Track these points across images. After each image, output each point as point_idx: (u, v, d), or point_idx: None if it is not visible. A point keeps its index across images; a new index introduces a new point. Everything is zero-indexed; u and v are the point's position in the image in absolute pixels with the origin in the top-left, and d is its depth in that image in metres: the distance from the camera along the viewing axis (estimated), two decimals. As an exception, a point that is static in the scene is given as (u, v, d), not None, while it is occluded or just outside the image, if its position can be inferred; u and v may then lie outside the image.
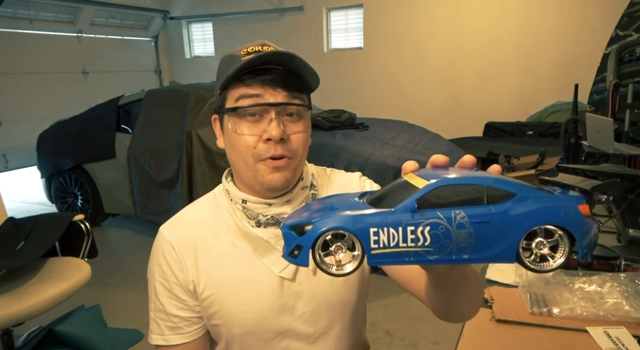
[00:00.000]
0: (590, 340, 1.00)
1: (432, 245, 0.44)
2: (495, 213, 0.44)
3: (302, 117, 0.79)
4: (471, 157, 0.50)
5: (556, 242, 0.45)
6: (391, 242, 0.44)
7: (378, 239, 0.44)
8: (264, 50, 0.76)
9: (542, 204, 0.44)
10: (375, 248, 0.45)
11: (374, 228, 0.44)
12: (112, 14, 7.53)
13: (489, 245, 0.44)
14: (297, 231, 0.47)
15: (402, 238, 0.44)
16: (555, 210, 0.44)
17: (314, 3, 7.24)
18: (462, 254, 0.44)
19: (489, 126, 6.20)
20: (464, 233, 0.44)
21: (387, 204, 0.46)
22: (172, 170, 3.53)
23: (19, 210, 4.96)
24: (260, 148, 0.76)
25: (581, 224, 0.44)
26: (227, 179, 0.88)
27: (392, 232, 0.44)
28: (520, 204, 0.44)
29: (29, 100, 6.30)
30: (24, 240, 2.23)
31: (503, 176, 0.47)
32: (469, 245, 0.44)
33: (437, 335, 2.43)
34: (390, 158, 3.37)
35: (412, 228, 0.44)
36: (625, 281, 1.15)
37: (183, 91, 3.74)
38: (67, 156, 4.17)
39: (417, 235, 0.44)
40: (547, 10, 5.90)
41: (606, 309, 1.07)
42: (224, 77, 0.76)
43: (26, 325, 2.13)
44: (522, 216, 0.44)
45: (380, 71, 7.00)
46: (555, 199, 0.45)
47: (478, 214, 0.44)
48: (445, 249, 0.44)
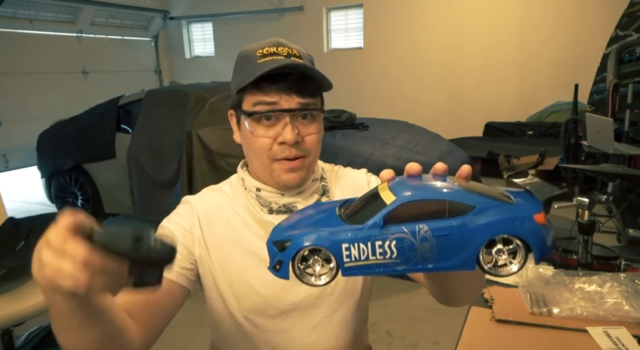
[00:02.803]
0: (590, 340, 1.00)
1: (399, 258, 0.48)
2: (456, 226, 0.48)
3: (315, 119, 0.84)
4: (443, 165, 0.54)
5: (515, 249, 0.49)
6: (362, 255, 0.49)
7: (350, 253, 0.49)
8: (279, 51, 0.80)
9: (500, 216, 0.48)
10: (348, 262, 0.49)
11: (346, 244, 0.49)
12: (112, 14, 7.54)
13: (451, 255, 0.48)
14: (279, 247, 0.52)
15: (372, 252, 0.49)
16: (512, 221, 0.48)
17: (314, 3, 7.24)
18: (426, 263, 0.49)
19: (489, 126, 6.20)
20: (427, 245, 0.48)
21: (359, 218, 0.51)
22: (172, 170, 3.53)
23: (19, 210, 4.96)
24: (275, 149, 0.81)
25: (536, 232, 0.48)
26: (242, 169, 0.92)
27: (362, 247, 0.49)
28: (479, 216, 0.48)
29: (29, 100, 6.30)
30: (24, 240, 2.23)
31: (467, 186, 0.51)
32: (433, 255, 0.48)
33: (437, 335, 2.43)
34: (390, 158, 3.37)
35: (380, 243, 0.48)
36: (625, 281, 1.15)
37: (183, 91, 3.74)
38: (67, 156, 4.17)
39: (384, 249, 0.48)
40: (547, 10, 5.90)
41: (606, 309, 1.07)
42: (240, 79, 0.81)
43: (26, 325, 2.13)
44: (481, 228, 0.48)
45: (380, 71, 7.00)
46: (512, 210, 0.49)
47: (440, 227, 0.48)
48: (411, 260, 0.48)
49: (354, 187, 0.95)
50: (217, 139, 3.38)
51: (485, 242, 0.48)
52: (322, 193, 0.90)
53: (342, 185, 0.95)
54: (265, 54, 0.80)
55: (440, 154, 3.63)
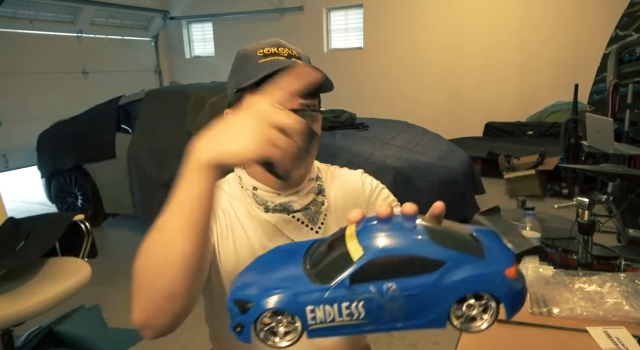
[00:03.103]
0: (590, 340, 1.00)
1: (367, 318, 0.46)
2: (426, 284, 0.45)
3: (315, 120, 0.85)
4: (412, 207, 0.51)
5: (486, 304, 0.47)
6: (327, 318, 0.46)
7: (315, 316, 0.46)
8: (279, 51, 0.81)
9: (471, 272, 0.46)
10: (313, 324, 0.47)
11: (310, 306, 0.46)
12: (112, 14, 7.54)
13: (421, 313, 0.46)
14: (240, 307, 0.49)
15: (338, 314, 0.46)
16: (483, 277, 0.46)
17: (314, 3, 7.24)
18: (395, 323, 0.46)
19: (489, 126, 6.20)
20: (396, 305, 0.46)
21: (324, 273, 0.48)
22: (172, 170, 3.50)
23: (19, 210, 4.96)
24: None
25: (507, 288, 0.47)
26: (240, 167, 0.92)
27: (328, 309, 0.46)
28: (449, 273, 0.46)
29: (29, 100, 6.30)
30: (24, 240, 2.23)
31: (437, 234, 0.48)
32: (402, 315, 0.46)
33: (437, 335, 2.43)
34: (390, 158, 3.37)
35: (346, 304, 0.46)
36: (625, 281, 1.15)
37: (183, 91, 3.74)
38: (67, 156, 4.17)
39: (351, 310, 0.46)
40: (547, 10, 5.90)
41: (606, 309, 1.07)
42: (240, 79, 0.81)
43: (26, 325, 2.13)
44: (451, 285, 0.46)
45: (380, 71, 7.00)
46: (483, 265, 0.47)
47: (409, 286, 0.45)
48: (379, 320, 0.46)
49: (349, 188, 0.95)
50: (217, 139, 3.38)
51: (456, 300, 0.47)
52: (318, 192, 0.91)
53: (337, 185, 0.95)
54: (266, 54, 0.80)
55: (440, 154, 3.63)
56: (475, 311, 0.47)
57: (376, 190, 0.96)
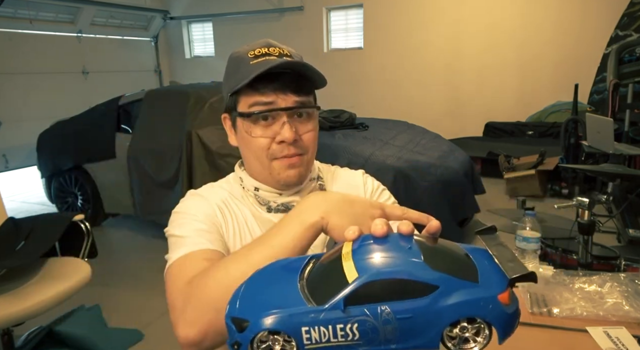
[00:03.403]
0: (590, 340, 1.00)
1: (361, 340, 0.48)
2: (419, 307, 0.47)
3: (312, 117, 0.85)
4: (409, 226, 0.52)
5: (478, 327, 0.49)
6: (322, 338, 0.48)
7: (310, 336, 0.48)
8: (270, 51, 0.81)
9: (464, 297, 0.48)
10: (309, 344, 0.48)
11: (306, 327, 0.48)
12: (112, 14, 7.54)
13: (414, 336, 0.48)
14: (237, 326, 0.50)
15: (333, 335, 0.48)
16: (476, 302, 0.48)
17: (314, 3, 7.24)
18: (389, 344, 0.48)
19: (489, 126, 6.20)
20: (390, 328, 0.47)
21: (319, 293, 0.49)
22: (172, 170, 3.53)
23: (19, 210, 4.96)
24: (274, 148, 0.82)
25: (499, 313, 0.48)
26: (240, 168, 0.92)
27: (323, 330, 0.47)
28: (443, 297, 0.47)
29: (29, 100, 6.30)
30: (24, 240, 2.23)
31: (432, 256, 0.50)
32: (395, 337, 0.47)
33: (437, 335, 2.43)
34: (390, 158, 3.37)
35: (341, 325, 0.47)
36: (625, 281, 1.15)
37: (183, 91, 3.74)
38: (67, 156, 4.17)
39: (346, 331, 0.47)
40: (548, 10, 5.90)
41: (606, 309, 1.07)
42: (234, 81, 0.81)
43: (26, 325, 2.13)
44: (445, 309, 0.47)
45: (380, 71, 7.00)
46: (476, 291, 0.48)
47: (403, 309, 0.47)
48: (373, 341, 0.48)
49: (350, 188, 0.95)
50: (217, 139, 3.38)
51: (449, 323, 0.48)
52: None
53: (338, 185, 0.95)
54: (257, 55, 0.80)
55: (440, 154, 3.63)
56: (468, 334, 0.48)
57: (377, 191, 0.96)
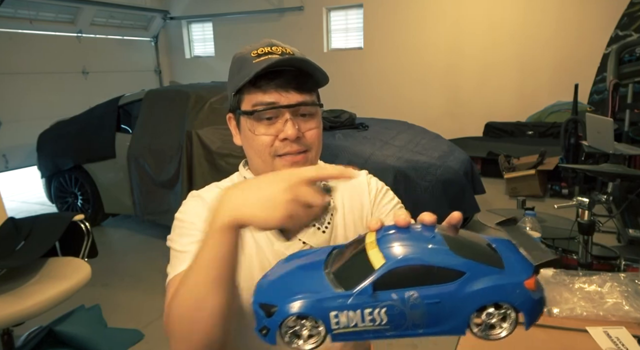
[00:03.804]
0: (590, 340, 1.00)
1: (389, 324, 0.48)
2: (446, 293, 0.47)
3: (314, 115, 0.84)
4: (431, 217, 0.53)
5: (505, 313, 0.48)
6: (351, 323, 0.48)
7: (338, 320, 0.48)
8: (273, 50, 0.81)
9: (491, 283, 0.47)
10: (337, 328, 0.48)
11: (334, 311, 0.48)
12: (112, 14, 7.53)
13: (441, 321, 0.48)
14: (265, 311, 0.50)
15: (361, 319, 0.48)
16: (503, 288, 0.47)
17: (314, 3, 7.24)
18: (416, 329, 0.48)
19: (489, 126, 6.20)
20: (417, 313, 0.47)
21: (346, 279, 0.50)
22: (172, 170, 3.53)
23: (19, 210, 4.96)
24: (277, 146, 0.82)
25: (526, 299, 0.48)
26: (244, 167, 0.93)
27: (351, 315, 0.48)
28: (470, 283, 0.47)
29: (29, 100, 6.30)
30: (24, 240, 2.23)
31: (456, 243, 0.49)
32: (423, 322, 0.48)
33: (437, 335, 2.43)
34: (390, 158, 3.37)
35: (369, 310, 0.47)
36: (625, 281, 1.15)
37: (183, 91, 3.74)
38: (67, 156, 4.17)
39: (374, 316, 0.48)
40: (548, 10, 5.90)
41: (606, 309, 1.07)
42: (237, 80, 0.81)
43: (26, 325, 2.13)
44: (472, 295, 0.47)
45: (380, 71, 7.00)
46: (503, 276, 0.48)
47: (430, 294, 0.47)
48: (400, 326, 0.48)
49: (354, 188, 0.95)
50: (217, 139, 3.38)
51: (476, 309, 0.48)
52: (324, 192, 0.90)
53: (343, 185, 0.95)
54: (260, 54, 0.80)
55: (440, 154, 3.63)
56: (495, 320, 0.48)
57: (382, 192, 0.97)
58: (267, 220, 0.56)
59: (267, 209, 0.55)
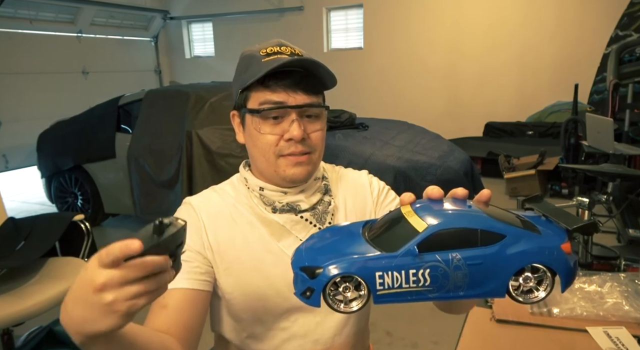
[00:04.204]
0: (590, 340, 1.00)
1: (432, 286, 0.49)
2: (489, 255, 0.48)
3: (320, 117, 0.85)
4: (464, 191, 0.55)
5: (541, 277, 0.50)
6: (395, 284, 0.49)
7: (383, 281, 0.49)
8: (282, 50, 0.81)
9: (530, 246, 0.49)
10: (381, 289, 0.50)
11: (379, 272, 0.49)
12: (112, 14, 7.53)
13: (482, 283, 0.49)
14: (308, 274, 0.51)
15: (405, 280, 0.49)
16: (541, 250, 0.49)
17: (314, 3, 7.24)
18: (458, 291, 0.49)
19: (489, 126, 6.20)
20: (460, 274, 0.49)
21: (388, 244, 0.51)
22: (172, 170, 3.53)
23: (19, 210, 4.96)
24: (281, 146, 0.82)
25: (563, 262, 0.50)
26: (245, 168, 0.92)
27: (396, 275, 0.49)
28: (510, 245, 0.49)
29: (29, 100, 6.30)
30: (24, 240, 2.23)
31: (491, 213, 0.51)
32: (465, 283, 0.49)
33: (437, 335, 2.43)
34: (390, 158, 3.37)
35: (413, 271, 0.49)
36: (625, 281, 1.15)
37: (183, 91, 3.74)
38: (67, 156, 4.17)
39: (418, 277, 0.49)
40: (548, 10, 5.90)
41: (606, 309, 1.07)
42: (245, 78, 0.81)
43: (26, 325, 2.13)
44: (512, 257, 0.49)
45: (380, 71, 7.00)
46: (541, 239, 0.50)
47: (473, 256, 0.48)
48: (443, 287, 0.49)
49: (356, 188, 0.95)
50: (217, 139, 3.38)
51: (516, 271, 0.49)
52: (325, 192, 0.90)
53: (344, 185, 0.95)
54: (269, 53, 0.80)
55: (440, 154, 3.63)
56: (532, 283, 0.50)
57: (383, 192, 0.97)
58: (112, 327, 0.50)
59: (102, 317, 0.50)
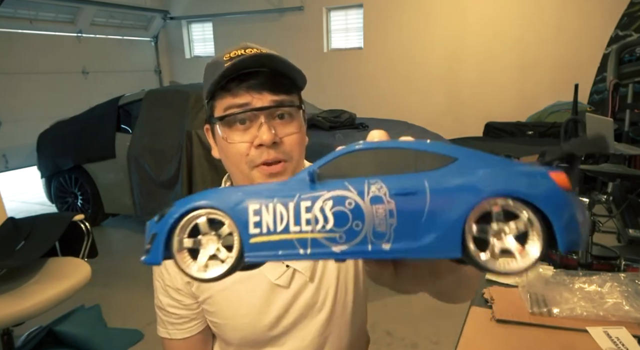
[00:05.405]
0: (590, 340, 1.00)
1: (337, 230, 0.32)
2: (427, 182, 0.32)
3: (294, 118, 0.77)
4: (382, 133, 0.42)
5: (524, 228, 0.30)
6: (278, 224, 0.33)
7: (260, 220, 0.33)
8: (246, 53, 0.74)
9: (495, 169, 0.32)
10: (257, 234, 0.33)
11: (255, 205, 0.33)
12: (112, 14, 7.53)
13: (419, 229, 0.31)
14: (158, 217, 0.36)
15: (294, 218, 0.32)
16: (516, 177, 0.31)
17: (314, 3, 7.24)
18: (380, 242, 0.31)
19: (489, 126, 6.19)
20: (381, 210, 0.31)
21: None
22: (172, 170, 3.53)
23: (19, 210, 4.96)
24: (252, 154, 0.74)
25: (556, 196, 0.30)
26: (226, 184, 0.88)
27: (280, 211, 0.33)
28: (463, 170, 0.32)
29: (29, 100, 6.30)
30: (24, 240, 2.23)
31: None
32: (391, 229, 0.31)
33: (437, 335, 2.43)
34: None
35: (307, 204, 0.32)
36: (625, 281, 1.15)
37: (183, 91, 3.74)
38: (67, 156, 4.17)
39: (314, 213, 0.32)
40: (547, 10, 5.90)
41: (606, 309, 1.07)
42: (209, 85, 0.75)
43: (26, 325, 2.13)
44: (466, 186, 0.31)
45: (380, 71, 7.00)
46: (516, 165, 0.32)
47: (402, 184, 0.32)
48: (355, 234, 0.32)
49: None
50: (217, 139, 3.39)
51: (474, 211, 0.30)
52: None
53: None
54: (232, 57, 0.74)
55: (440, 154, 3.63)
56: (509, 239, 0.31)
57: None
58: None
59: None
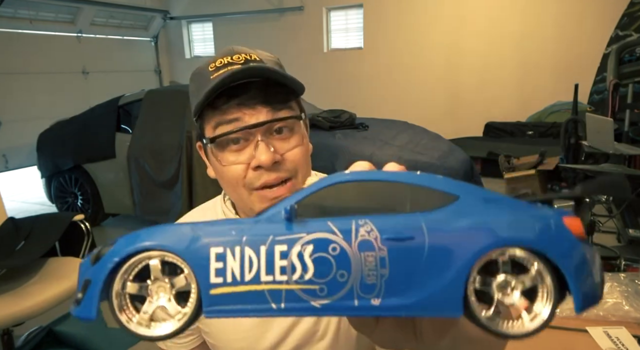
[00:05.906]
0: (590, 340, 1.00)
1: (318, 280, 0.26)
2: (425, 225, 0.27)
3: (294, 131, 0.67)
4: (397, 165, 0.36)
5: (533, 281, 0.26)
6: (246, 273, 0.26)
7: (224, 267, 0.26)
8: (234, 60, 0.66)
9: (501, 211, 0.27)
10: (219, 284, 0.26)
11: (218, 248, 0.26)
12: (112, 14, 7.53)
13: (415, 282, 0.26)
14: (92, 260, 0.29)
15: (266, 266, 0.26)
16: (525, 222, 0.26)
17: (314, 3, 7.23)
18: (369, 296, 0.26)
19: (489, 126, 6.20)
20: (371, 258, 0.26)
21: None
22: (172, 170, 3.53)
23: (19, 210, 4.96)
24: (250, 177, 0.65)
25: (570, 246, 0.26)
26: (224, 200, 0.82)
27: (249, 255, 0.26)
28: (465, 211, 0.27)
29: (29, 100, 6.30)
30: (24, 240, 2.23)
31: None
32: (382, 280, 0.26)
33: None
34: (390, 158, 3.37)
35: (283, 248, 0.26)
36: (625, 281, 1.15)
37: (183, 91, 3.74)
38: (67, 156, 4.17)
39: (291, 260, 0.26)
40: (548, 10, 5.90)
41: (606, 309, 1.07)
42: (195, 105, 0.66)
43: (26, 325, 2.13)
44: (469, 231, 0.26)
45: (380, 71, 7.00)
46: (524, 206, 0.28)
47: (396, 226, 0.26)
48: (340, 287, 0.26)
49: None
50: (217, 139, 3.39)
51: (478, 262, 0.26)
52: None
53: None
54: (218, 67, 0.65)
55: (440, 154, 3.63)
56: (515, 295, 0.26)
57: None
58: None
59: None
